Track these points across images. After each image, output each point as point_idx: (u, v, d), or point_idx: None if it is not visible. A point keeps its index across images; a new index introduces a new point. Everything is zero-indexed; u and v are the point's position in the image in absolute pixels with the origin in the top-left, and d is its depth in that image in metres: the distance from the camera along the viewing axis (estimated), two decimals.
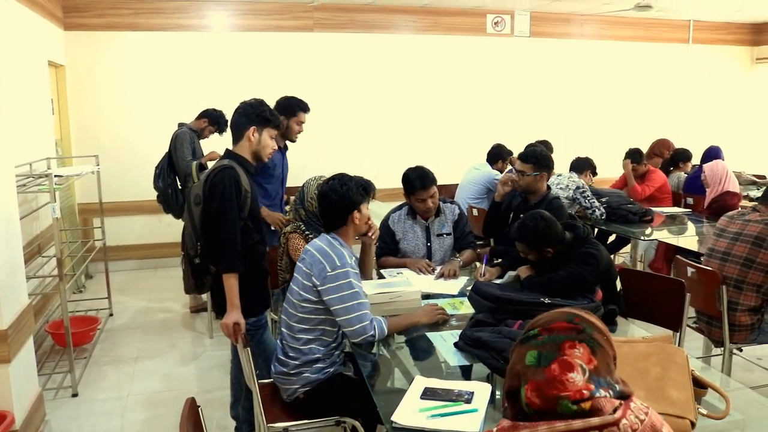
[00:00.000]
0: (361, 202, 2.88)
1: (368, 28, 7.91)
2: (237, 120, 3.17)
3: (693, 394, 1.97)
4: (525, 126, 8.22)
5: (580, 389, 1.29)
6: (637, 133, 8.42)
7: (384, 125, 8.07)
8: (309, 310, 2.73)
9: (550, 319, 1.39)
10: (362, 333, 2.67)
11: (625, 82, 9.12)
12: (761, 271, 3.56)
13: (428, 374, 2.38)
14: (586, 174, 5.96)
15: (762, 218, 3.62)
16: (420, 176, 3.86)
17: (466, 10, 8.19)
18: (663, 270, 5.60)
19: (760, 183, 7.48)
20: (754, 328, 3.65)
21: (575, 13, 8.62)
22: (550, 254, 3.15)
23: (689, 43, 9.42)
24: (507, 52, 8.50)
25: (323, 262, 2.70)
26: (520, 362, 1.35)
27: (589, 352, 1.34)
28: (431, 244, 3.99)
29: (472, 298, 2.93)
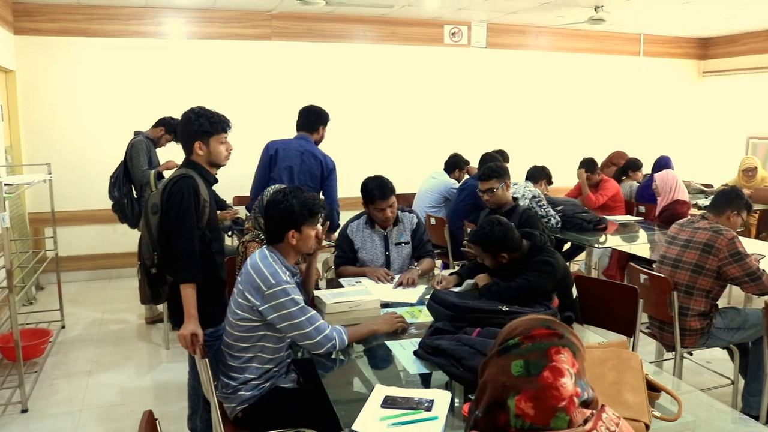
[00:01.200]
0: (303, 222, 2.77)
1: (326, 37, 7.92)
2: (181, 135, 3.13)
3: (647, 398, 2.02)
4: (482, 135, 8.33)
5: (571, 394, 1.30)
6: (591, 143, 8.61)
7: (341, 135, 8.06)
8: (247, 328, 2.69)
9: (527, 326, 1.37)
10: (324, 344, 2.66)
11: (579, 92, 9.31)
12: (710, 277, 3.67)
13: (388, 383, 2.38)
14: (542, 183, 6.06)
15: (710, 226, 3.73)
16: (379, 186, 3.88)
17: (423, 21, 8.26)
18: (617, 277, 5.72)
19: (708, 192, 7.70)
20: (704, 333, 3.75)
21: (531, 25, 8.77)
22: (506, 260, 3.20)
23: (640, 55, 9.67)
24: (464, 62, 8.61)
25: (258, 281, 2.65)
26: (504, 374, 1.32)
27: (572, 357, 1.35)
28: (390, 253, 4.01)
29: (431, 307, 2.95)
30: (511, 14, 7.88)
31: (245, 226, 4.11)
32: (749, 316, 3.78)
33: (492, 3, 7.14)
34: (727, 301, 5.69)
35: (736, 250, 3.60)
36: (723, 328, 3.77)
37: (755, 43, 9.29)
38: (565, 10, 7.48)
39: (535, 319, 1.40)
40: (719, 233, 3.64)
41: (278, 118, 7.75)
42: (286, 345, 2.82)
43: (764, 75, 9.26)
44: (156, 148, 5.63)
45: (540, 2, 7.03)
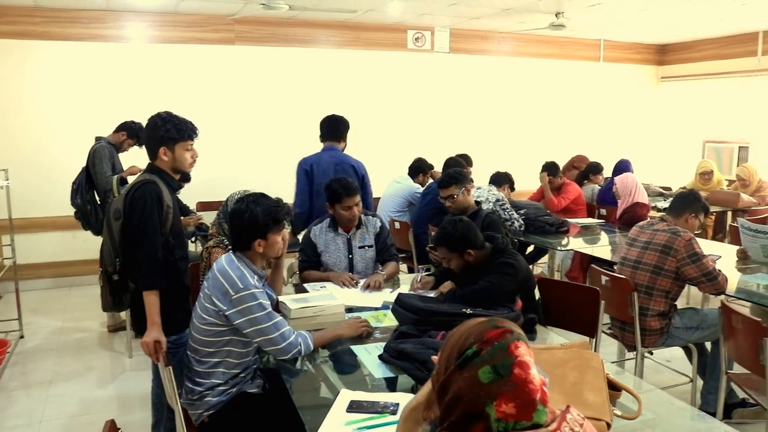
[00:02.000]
0: (268, 230, 2.77)
1: (290, 41, 7.91)
2: (146, 141, 3.09)
3: (608, 397, 2.05)
4: (446, 140, 8.37)
5: (541, 383, 1.33)
6: (553, 147, 8.72)
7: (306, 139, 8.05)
8: (213, 333, 2.67)
9: (477, 332, 1.37)
10: (289, 350, 2.65)
11: (541, 97, 9.44)
12: (669, 278, 3.75)
13: (353, 387, 2.38)
14: (505, 187, 6.13)
15: (669, 228, 3.81)
16: (343, 185, 3.89)
17: (387, 26, 8.30)
18: (579, 279, 5.80)
19: (667, 194, 7.87)
20: (663, 332, 3.83)
21: (493, 31, 8.87)
22: (472, 257, 3.22)
23: (600, 61, 9.85)
24: (428, 67, 8.66)
25: (225, 285, 2.63)
26: (475, 385, 1.31)
27: (527, 347, 1.37)
28: (353, 257, 4.02)
29: (395, 311, 2.96)
30: (473, 20, 7.95)
31: (209, 232, 4.08)
32: (707, 316, 3.87)
33: (455, 8, 7.20)
34: (686, 302, 5.81)
35: (694, 251, 3.69)
36: (682, 328, 3.85)
37: (710, 50, 9.53)
38: (526, 16, 7.58)
39: (480, 323, 1.40)
40: (677, 235, 3.73)
41: (242, 122, 7.73)
42: (253, 350, 2.80)
43: (719, 80, 9.50)
44: (118, 153, 5.55)
45: (502, 8, 7.11)
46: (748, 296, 3.95)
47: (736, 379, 3.45)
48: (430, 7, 7.13)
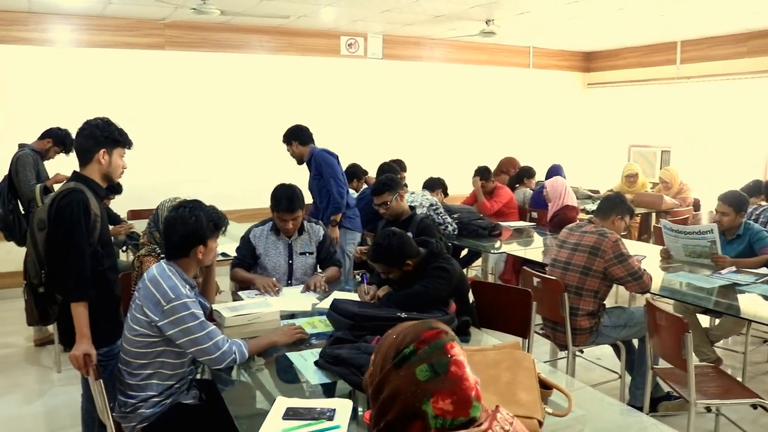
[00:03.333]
0: (209, 237, 2.78)
1: (222, 47, 7.81)
2: (83, 143, 3.00)
3: (540, 395, 2.11)
4: (380, 145, 8.42)
5: (475, 381, 1.37)
6: (486, 152, 8.86)
7: (240, 145, 7.98)
8: (145, 344, 2.62)
9: (414, 332, 1.40)
10: (223, 359, 2.62)
11: (473, 103, 9.60)
12: (597, 278, 3.87)
13: (290, 394, 2.37)
14: (438, 192, 6.20)
15: (597, 229, 3.94)
16: (288, 197, 3.86)
17: (320, 32, 8.29)
18: (512, 281, 5.90)
19: (595, 197, 8.11)
20: (593, 331, 3.94)
21: (425, 37, 8.97)
22: (411, 266, 3.25)
23: (530, 67, 10.09)
24: (361, 73, 8.70)
25: (157, 295, 2.59)
26: (412, 383, 1.34)
27: (460, 348, 1.41)
28: (293, 262, 4.00)
29: (330, 316, 2.96)
30: (406, 26, 8.03)
31: (140, 241, 3.99)
32: (634, 314, 4.01)
33: (387, 15, 7.25)
34: (614, 301, 6.00)
35: (620, 252, 3.82)
36: (610, 326, 3.98)
37: (633, 58, 9.89)
38: (457, 23, 7.70)
39: (416, 324, 1.44)
40: (604, 236, 3.85)
41: (172, 129, 7.59)
42: (188, 361, 2.76)
43: (642, 87, 9.87)
44: (44, 161, 5.37)
45: (433, 15, 7.20)
46: (671, 294, 4.12)
47: (661, 374, 3.58)
48: (363, 13, 7.16)
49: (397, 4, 6.62)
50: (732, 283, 4.13)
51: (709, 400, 3.24)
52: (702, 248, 4.61)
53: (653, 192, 7.94)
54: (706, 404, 3.26)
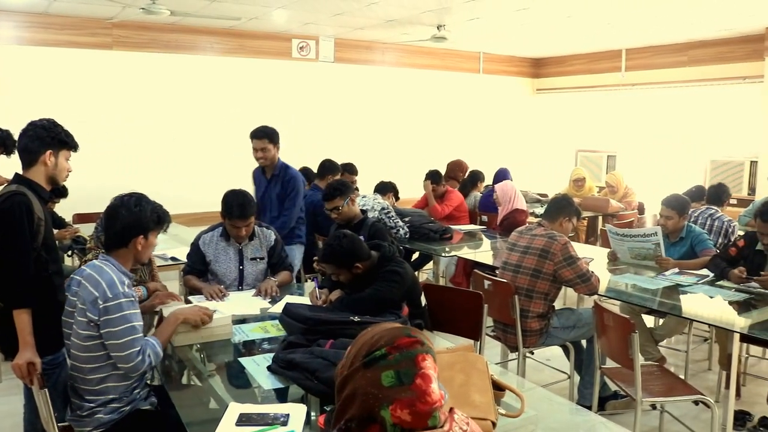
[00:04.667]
0: (151, 229, 2.75)
1: (172, 48, 7.69)
2: (28, 144, 2.91)
3: (493, 397, 2.13)
4: (331, 149, 8.36)
5: (440, 398, 1.37)
6: (437, 156, 8.91)
7: (190, 148, 7.86)
8: (94, 346, 2.56)
9: (390, 337, 1.40)
10: (140, 367, 2.55)
11: (425, 107, 9.67)
12: (547, 280, 3.93)
13: (242, 400, 2.35)
14: (389, 196, 6.22)
15: (546, 233, 4.01)
16: (240, 204, 3.81)
17: (271, 34, 8.24)
18: (463, 284, 5.95)
19: (543, 201, 8.24)
20: (543, 333, 4.01)
21: (377, 41, 9.00)
22: (360, 270, 3.25)
23: (480, 72, 10.21)
24: (313, 76, 8.67)
25: (95, 293, 2.54)
26: (374, 385, 1.34)
27: (433, 361, 1.41)
28: (244, 268, 3.96)
29: (283, 321, 2.94)
30: (358, 30, 8.04)
31: (87, 245, 3.90)
32: (582, 316, 4.09)
33: (339, 19, 7.25)
34: (563, 303, 6.10)
35: (569, 255, 3.89)
36: (560, 328, 4.05)
37: (581, 64, 10.11)
38: (409, 28, 7.75)
39: (395, 329, 1.44)
40: (554, 239, 3.92)
41: (120, 130, 7.43)
42: None
43: (589, 93, 10.09)
44: None
45: (385, 20, 7.23)
46: (617, 295, 4.22)
47: (609, 373, 3.66)
48: (315, 16, 7.14)
49: (348, 7, 6.62)
50: (675, 284, 4.25)
51: (655, 398, 3.33)
52: (647, 251, 4.73)
53: (600, 196, 8.11)
54: (651, 402, 3.35)
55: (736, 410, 3.91)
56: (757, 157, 7.82)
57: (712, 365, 4.92)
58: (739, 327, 3.49)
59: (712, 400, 3.34)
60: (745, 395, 4.47)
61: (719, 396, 4.29)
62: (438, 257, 5.91)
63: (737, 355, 3.71)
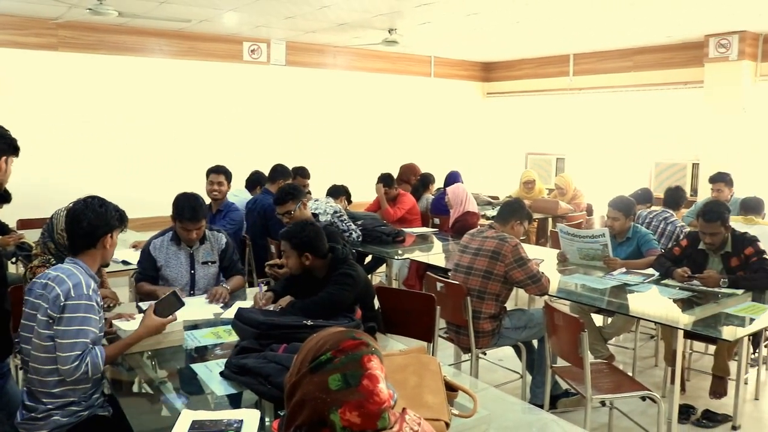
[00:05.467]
0: (116, 227, 2.76)
1: (120, 50, 7.54)
2: None
3: (446, 398, 2.15)
4: (283, 152, 8.31)
5: (388, 397, 1.38)
6: (389, 159, 8.92)
7: (139, 151, 7.72)
8: (53, 347, 2.50)
9: (335, 340, 1.41)
10: (74, 372, 2.49)
11: (377, 110, 9.70)
12: (498, 282, 3.99)
13: (195, 407, 2.32)
14: (342, 199, 6.21)
15: (497, 234, 4.06)
16: (192, 207, 3.77)
17: (222, 37, 8.16)
18: (416, 286, 5.98)
19: (494, 203, 8.35)
20: (495, 333, 4.06)
21: (329, 45, 8.99)
22: (309, 261, 3.28)
23: (431, 76, 10.29)
24: (264, 79, 8.61)
25: (58, 291, 2.50)
26: (323, 390, 1.35)
27: (379, 362, 1.42)
28: (195, 272, 3.91)
29: (235, 326, 2.91)
30: (309, 33, 8.02)
31: (33, 252, 3.80)
32: (533, 316, 4.15)
33: (291, 22, 7.22)
34: (514, 304, 6.19)
35: (520, 256, 3.95)
36: (511, 328, 4.11)
37: (530, 69, 10.28)
38: (361, 32, 7.77)
39: (339, 332, 1.45)
40: (504, 241, 3.98)
41: (65, 133, 7.26)
42: None
43: (538, 97, 10.26)
44: None
45: (337, 23, 7.23)
46: (567, 295, 4.31)
47: (560, 372, 3.73)
48: (266, 19, 7.10)
49: (300, 11, 6.60)
50: (622, 283, 4.36)
51: (604, 395, 3.40)
52: (595, 251, 4.84)
53: (549, 198, 8.25)
54: (600, 399, 3.43)
55: (681, 404, 4.03)
56: (698, 160, 8.07)
57: (659, 362, 5.05)
58: (683, 324, 3.61)
59: (659, 396, 3.44)
60: (689, 390, 4.60)
61: (665, 391, 4.41)
62: (391, 260, 5.93)
63: (681, 351, 3.82)
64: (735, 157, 7.51)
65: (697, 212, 4.50)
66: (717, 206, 4.36)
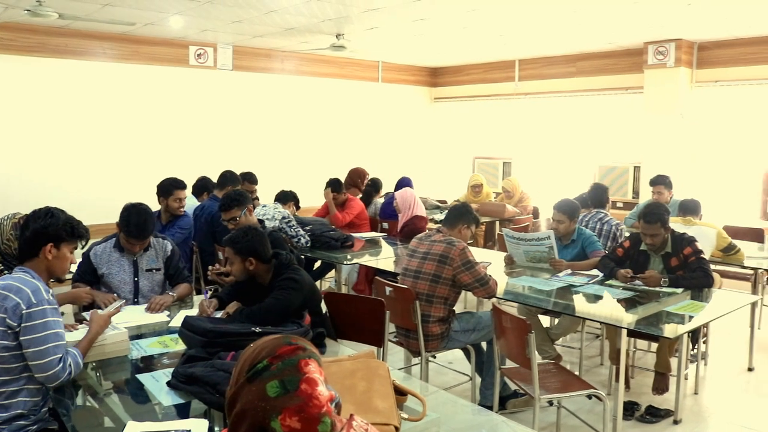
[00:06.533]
0: (62, 239, 2.69)
1: (61, 53, 7.34)
2: None
3: (395, 402, 2.16)
4: (230, 158, 8.26)
5: (328, 399, 1.38)
6: (337, 164, 8.95)
7: (79, 158, 7.54)
8: (8, 357, 2.44)
9: (270, 347, 1.41)
10: (60, 376, 2.47)
11: (325, 115, 9.68)
12: (447, 285, 4.02)
13: (141, 418, 2.27)
14: (290, 205, 6.18)
15: (445, 238, 4.09)
16: (139, 224, 3.71)
17: (168, 41, 8.03)
18: (365, 291, 5.99)
19: (442, 207, 8.42)
20: (444, 337, 4.09)
21: (276, 49, 8.94)
22: (252, 266, 3.27)
23: (379, 81, 10.33)
24: (211, 84, 8.51)
25: (16, 299, 2.44)
26: (261, 398, 1.34)
27: (317, 365, 1.42)
28: (139, 280, 3.83)
29: (182, 334, 2.87)
30: (257, 38, 7.96)
31: None
32: (481, 318, 4.20)
33: (238, 26, 7.16)
34: (463, 306, 6.25)
35: (467, 259, 3.99)
36: (460, 331, 4.14)
37: (476, 74, 10.41)
38: (309, 36, 7.74)
39: (275, 339, 1.45)
40: (452, 245, 4.01)
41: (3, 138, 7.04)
42: None
43: (485, 102, 10.40)
44: None
45: (284, 28, 7.20)
46: (514, 297, 4.37)
47: (508, 373, 3.77)
48: (213, 23, 7.02)
49: (247, 15, 6.55)
50: (568, 284, 4.45)
51: (552, 395, 3.46)
52: (541, 253, 4.93)
53: (496, 201, 8.36)
54: (548, 398, 3.48)
55: (625, 401, 4.13)
56: (639, 163, 8.29)
57: (604, 360, 5.17)
58: (627, 323, 3.70)
59: (604, 393, 3.51)
60: (633, 387, 4.72)
61: (611, 389, 4.51)
62: (340, 265, 5.92)
63: (625, 349, 3.92)
64: (674, 160, 7.76)
65: (639, 214, 4.62)
66: (657, 208, 4.49)
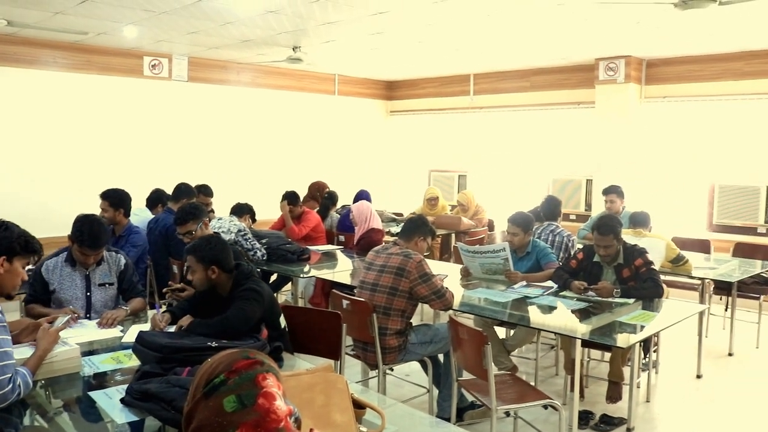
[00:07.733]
0: (15, 253, 2.64)
1: (10, 61, 7.16)
2: None
3: (354, 415, 2.16)
4: (186, 170, 8.14)
5: (286, 414, 1.36)
6: (294, 177, 8.92)
7: (30, 169, 7.35)
8: None
9: (228, 362, 1.39)
10: (9, 396, 2.38)
11: (281, 128, 9.65)
12: (404, 298, 4.03)
13: None
14: (246, 218, 6.12)
15: (401, 251, 4.11)
16: (93, 234, 3.63)
17: (122, 51, 7.91)
18: (322, 304, 5.94)
19: (399, 219, 8.45)
20: (401, 349, 4.09)
21: (233, 61, 8.88)
22: (215, 275, 3.23)
23: (335, 94, 10.34)
24: (166, 95, 8.40)
25: None
26: (218, 414, 1.32)
27: (276, 379, 1.41)
28: (91, 294, 3.75)
29: (136, 350, 2.81)
30: (213, 49, 7.90)
31: None
32: (438, 331, 4.22)
33: (193, 37, 7.10)
34: (420, 319, 6.26)
35: (424, 272, 4.01)
36: (417, 343, 4.15)
37: (432, 87, 10.51)
38: (265, 49, 7.72)
39: (232, 353, 1.43)
40: (409, 257, 4.03)
41: None
42: None
43: (440, 115, 10.51)
44: None
45: (241, 39, 7.16)
46: (471, 309, 4.41)
47: (465, 385, 3.79)
48: (168, 34, 6.95)
49: (203, 26, 6.50)
50: (523, 296, 4.51)
51: (508, 405, 3.49)
52: (497, 266, 4.98)
53: (452, 214, 8.42)
54: (505, 409, 3.51)
55: (580, 411, 4.20)
56: (592, 176, 8.47)
57: (559, 370, 5.23)
58: (581, 333, 3.77)
59: (560, 403, 3.56)
60: (588, 396, 4.79)
61: (566, 398, 4.57)
62: (296, 278, 5.88)
63: (580, 359, 3.98)
64: (624, 173, 7.94)
65: (592, 226, 4.72)
66: (610, 220, 4.59)
